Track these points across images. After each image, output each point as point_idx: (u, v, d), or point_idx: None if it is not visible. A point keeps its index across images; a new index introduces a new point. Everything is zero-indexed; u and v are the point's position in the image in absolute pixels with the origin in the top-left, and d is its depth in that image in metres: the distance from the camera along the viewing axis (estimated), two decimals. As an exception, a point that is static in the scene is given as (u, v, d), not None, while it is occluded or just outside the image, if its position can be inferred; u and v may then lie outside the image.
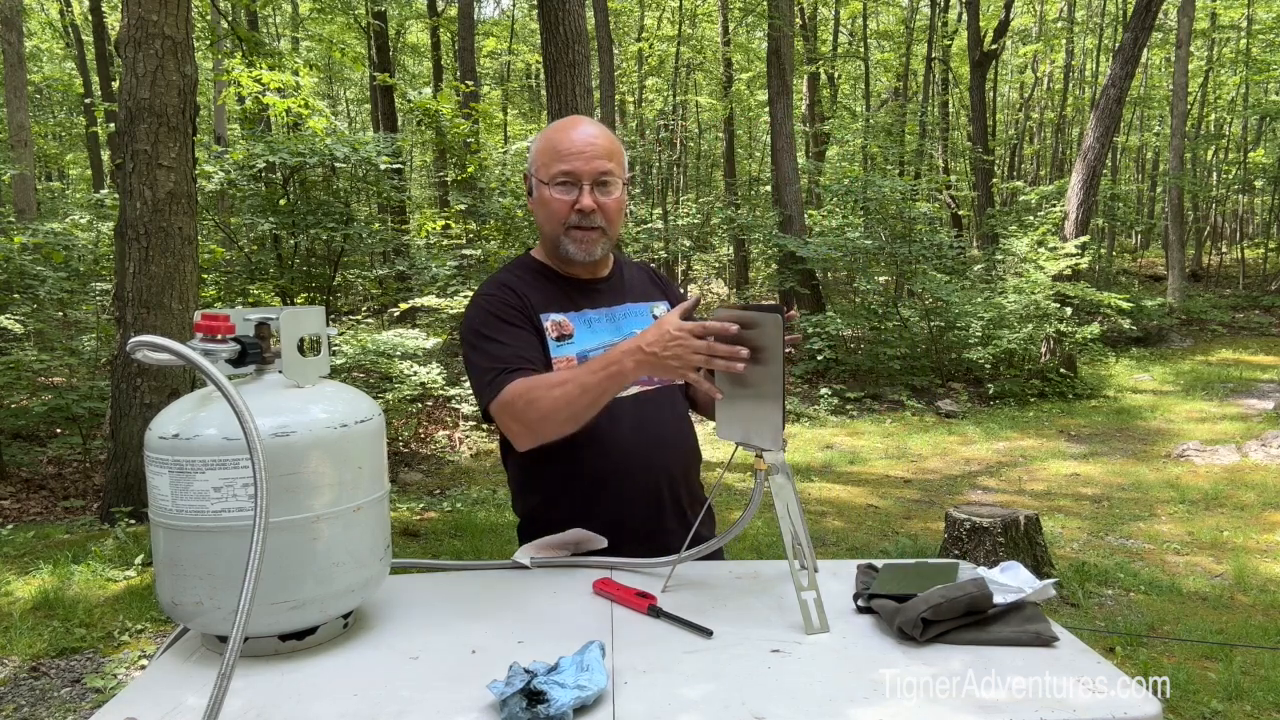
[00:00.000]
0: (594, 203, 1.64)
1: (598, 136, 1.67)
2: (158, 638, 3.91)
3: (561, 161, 1.64)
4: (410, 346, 8.41)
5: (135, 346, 1.09)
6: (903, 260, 12.17)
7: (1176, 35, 17.62)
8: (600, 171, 1.64)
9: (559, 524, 1.63)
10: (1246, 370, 12.82)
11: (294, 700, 1.08)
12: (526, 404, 1.52)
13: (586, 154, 1.63)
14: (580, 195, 1.63)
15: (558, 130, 1.69)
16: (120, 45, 5.54)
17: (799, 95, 18.35)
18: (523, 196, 11.20)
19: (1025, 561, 4.18)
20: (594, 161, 1.63)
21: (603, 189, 1.65)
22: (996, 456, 8.43)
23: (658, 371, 1.41)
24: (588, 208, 1.63)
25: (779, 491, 1.29)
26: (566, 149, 1.64)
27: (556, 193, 1.65)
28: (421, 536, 5.80)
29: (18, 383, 7.86)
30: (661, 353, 1.37)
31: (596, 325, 1.72)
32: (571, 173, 1.63)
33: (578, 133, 1.66)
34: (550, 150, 1.66)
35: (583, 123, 1.71)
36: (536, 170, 1.69)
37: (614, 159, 1.66)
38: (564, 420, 1.50)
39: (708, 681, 1.11)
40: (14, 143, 11.01)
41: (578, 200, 1.64)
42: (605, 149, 1.65)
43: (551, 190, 1.65)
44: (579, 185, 1.64)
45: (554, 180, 1.65)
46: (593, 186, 1.64)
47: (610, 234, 1.69)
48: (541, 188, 1.67)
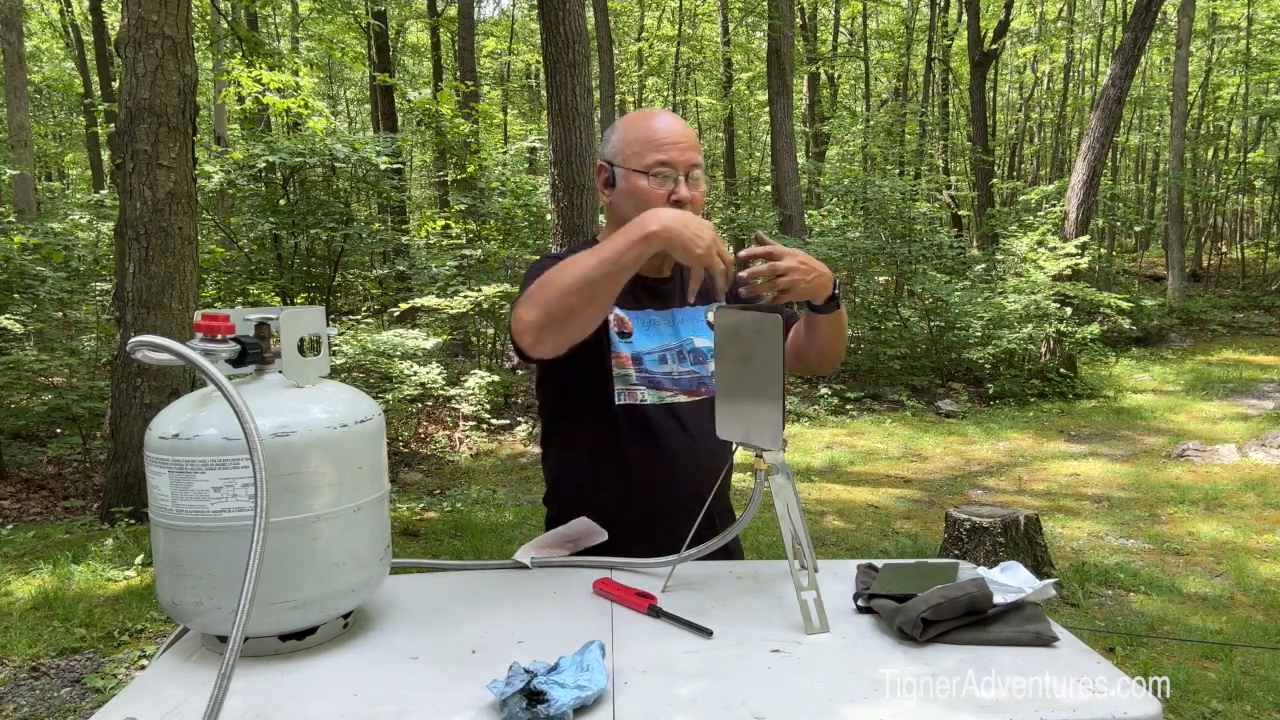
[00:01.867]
0: (689, 194, 1.60)
1: (685, 128, 1.63)
2: (158, 638, 3.91)
3: (658, 151, 1.59)
4: (410, 346, 8.42)
5: (135, 346, 1.09)
6: (903, 260, 12.17)
7: (1176, 35, 17.62)
8: (693, 163, 1.61)
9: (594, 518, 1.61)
10: (1247, 370, 12.82)
11: (294, 700, 1.08)
12: (543, 285, 1.42)
13: (682, 144, 1.60)
14: (678, 186, 1.59)
15: (646, 119, 1.64)
16: (120, 45, 5.54)
17: (799, 95, 18.35)
18: (522, 196, 11.20)
19: (1025, 561, 4.18)
20: (688, 152, 1.60)
21: (693, 182, 1.61)
22: (996, 456, 8.43)
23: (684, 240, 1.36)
24: (686, 198, 1.59)
25: (779, 491, 1.29)
26: (663, 138, 1.60)
27: (652, 184, 1.60)
28: (421, 536, 5.80)
29: (18, 383, 7.86)
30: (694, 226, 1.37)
31: (655, 327, 1.69)
32: (669, 163, 1.59)
33: (669, 122, 1.62)
34: (644, 139, 1.61)
35: (667, 114, 1.66)
36: (625, 159, 1.63)
37: (700, 152, 1.64)
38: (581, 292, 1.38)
39: (708, 681, 1.11)
40: (14, 143, 11.01)
41: (675, 191, 1.59)
42: (693, 141, 1.63)
43: (649, 180, 1.60)
44: (675, 176, 1.59)
45: (650, 170, 1.59)
46: (686, 178, 1.60)
47: None
48: (633, 177, 1.61)
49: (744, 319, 1.30)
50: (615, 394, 1.65)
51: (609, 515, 1.63)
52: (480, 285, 9.70)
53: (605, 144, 1.70)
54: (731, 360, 1.33)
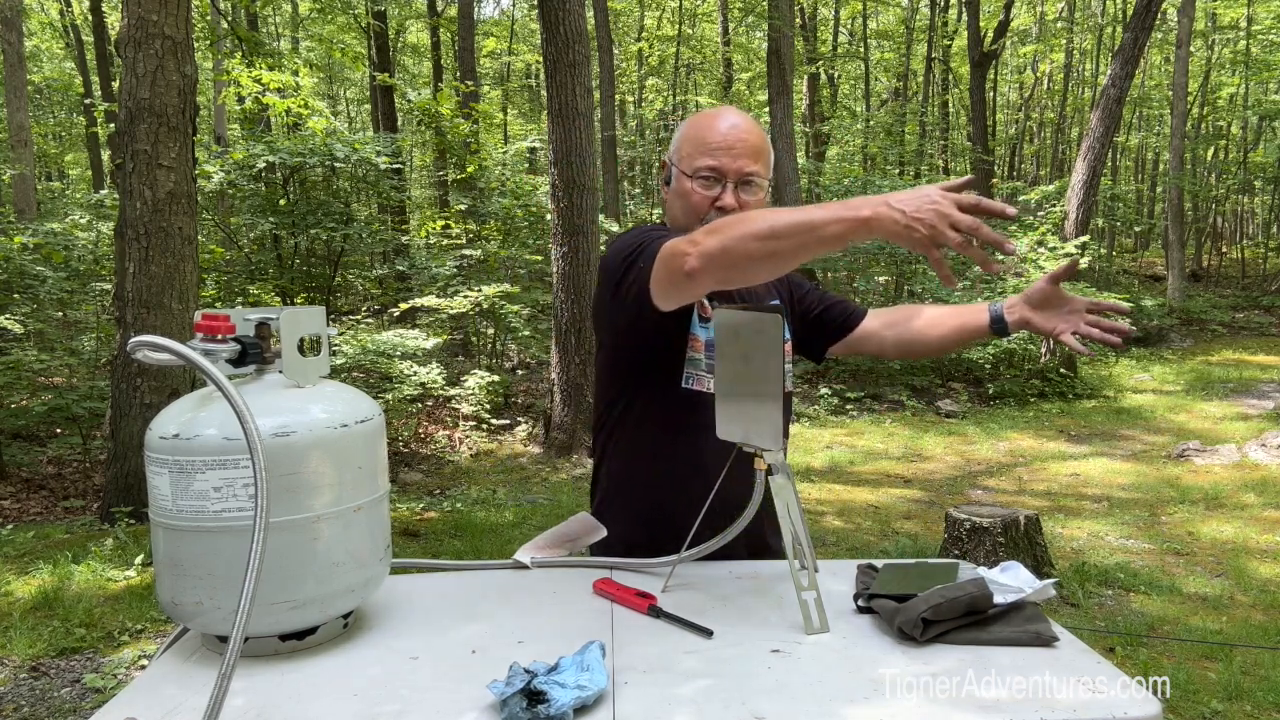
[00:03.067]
0: (736, 202, 1.57)
1: (747, 133, 1.59)
2: (158, 638, 3.91)
3: (708, 155, 1.57)
4: (410, 346, 8.42)
5: (135, 346, 1.09)
6: (902, 260, 12.18)
7: (1176, 35, 17.62)
8: (746, 172, 1.57)
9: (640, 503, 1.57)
10: (1247, 370, 12.82)
11: (294, 700, 1.08)
12: (730, 223, 1.27)
13: (735, 150, 1.57)
14: (723, 193, 1.57)
15: (707, 120, 1.62)
16: (120, 45, 5.54)
17: (799, 95, 18.34)
18: (522, 196, 11.21)
19: (1025, 561, 4.18)
20: (740, 160, 1.56)
21: (746, 188, 1.58)
22: (997, 456, 8.43)
23: (897, 232, 1.14)
24: (729, 206, 1.56)
25: (779, 491, 1.29)
26: (715, 142, 1.57)
27: (698, 186, 1.59)
28: (421, 536, 5.80)
29: (18, 383, 7.86)
30: (911, 211, 1.13)
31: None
32: (717, 168, 1.57)
33: (728, 126, 1.59)
34: (697, 141, 1.59)
35: (733, 115, 1.62)
36: (680, 159, 1.62)
37: (760, 159, 1.59)
38: (768, 242, 1.22)
39: (708, 681, 1.11)
40: (14, 143, 11.02)
41: (719, 197, 1.57)
42: (753, 147, 1.58)
43: (694, 183, 1.59)
44: (723, 182, 1.57)
45: (697, 173, 1.58)
46: (736, 185, 1.58)
47: None
48: (683, 179, 1.61)
49: (744, 319, 1.30)
50: (684, 377, 1.63)
51: (652, 500, 1.61)
52: (480, 285, 9.70)
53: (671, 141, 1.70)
54: (731, 360, 1.33)
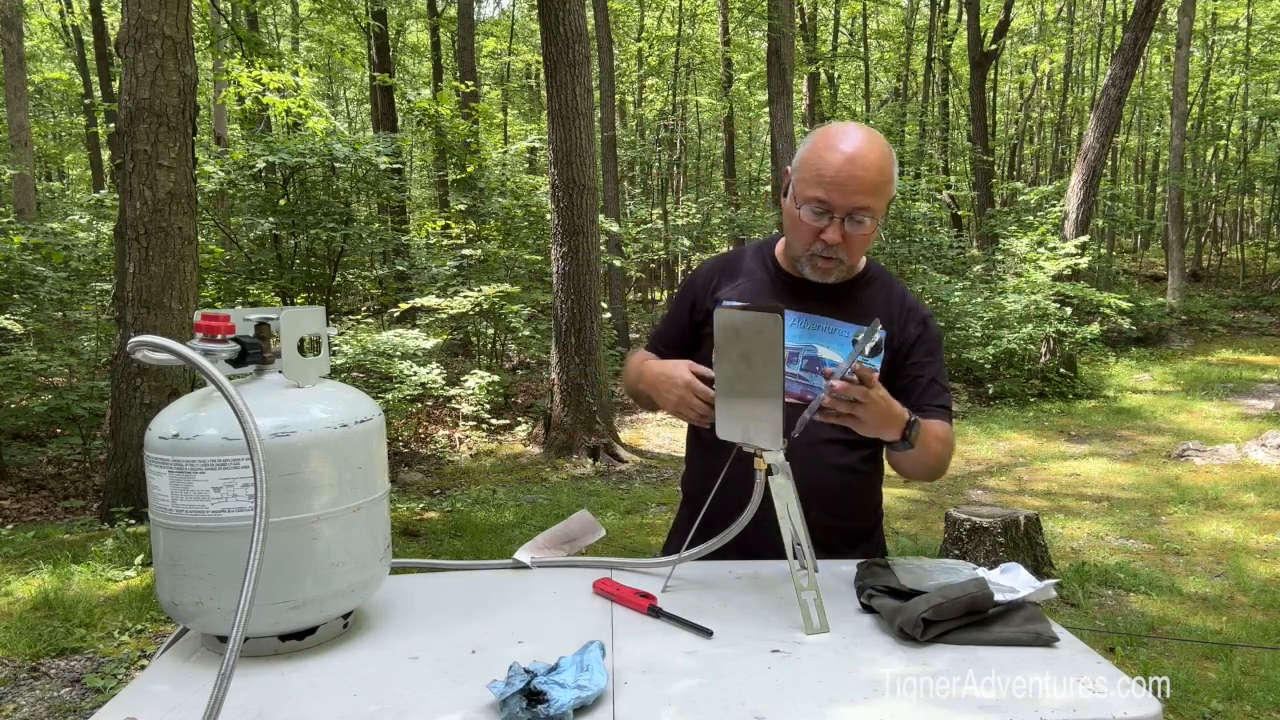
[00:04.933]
0: (840, 236, 1.57)
1: (867, 168, 1.54)
2: (158, 638, 3.91)
3: (819, 187, 1.55)
4: (410, 346, 8.42)
5: (135, 346, 1.09)
6: (902, 260, 12.18)
7: (1177, 35, 17.62)
8: (856, 207, 1.55)
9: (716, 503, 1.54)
10: (1246, 370, 12.82)
11: (294, 700, 1.08)
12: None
13: (848, 187, 1.53)
14: (829, 227, 1.57)
15: (826, 146, 1.56)
16: (120, 45, 5.54)
17: (799, 95, 18.34)
18: (522, 196, 11.21)
19: (1025, 562, 4.18)
20: (852, 196, 1.54)
21: (855, 224, 1.57)
22: (997, 456, 8.43)
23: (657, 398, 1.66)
24: (832, 241, 1.57)
25: (779, 491, 1.29)
26: (828, 174, 1.54)
27: (806, 216, 1.58)
28: (421, 536, 5.80)
29: (18, 383, 7.86)
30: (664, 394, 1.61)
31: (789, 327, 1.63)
32: (826, 202, 1.55)
33: (846, 157, 1.54)
34: (811, 168, 1.57)
35: (855, 140, 1.55)
36: (797, 179, 1.61)
37: (877, 193, 1.55)
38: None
39: (708, 681, 1.11)
40: (14, 143, 11.02)
41: (824, 231, 1.57)
42: (870, 184, 1.54)
43: (802, 211, 1.59)
44: (830, 214, 1.56)
45: (807, 204, 1.57)
46: (844, 219, 1.56)
47: (850, 262, 1.64)
48: (792, 200, 1.61)
49: (744, 319, 1.30)
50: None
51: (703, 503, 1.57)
52: (480, 285, 9.70)
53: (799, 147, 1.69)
54: (732, 360, 1.33)
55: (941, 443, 1.65)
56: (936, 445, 1.63)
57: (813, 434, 1.63)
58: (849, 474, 1.72)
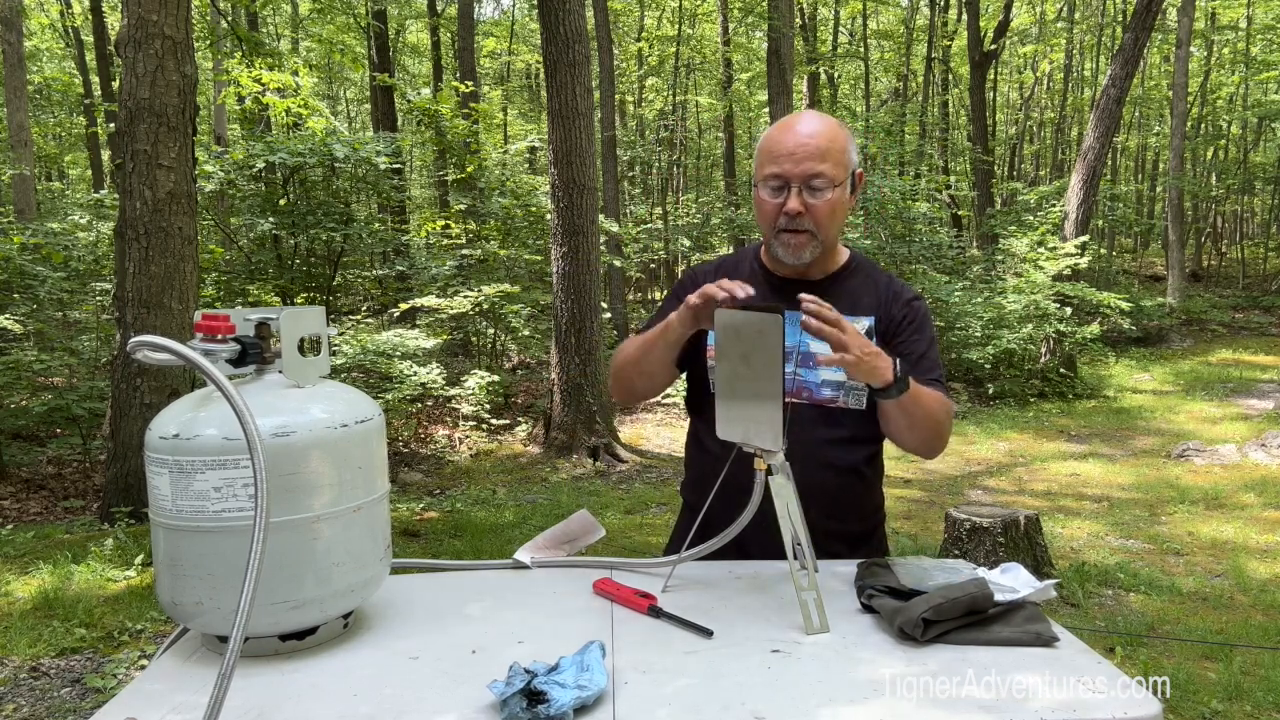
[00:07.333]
0: (801, 205, 1.61)
1: (813, 136, 1.61)
2: (158, 638, 3.91)
3: (772, 163, 1.62)
4: (410, 346, 8.42)
5: (135, 346, 1.09)
6: (902, 260, 12.17)
7: (1177, 35, 17.62)
8: (809, 174, 1.60)
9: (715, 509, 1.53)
10: (1246, 370, 12.82)
11: (294, 700, 1.08)
12: (616, 353, 1.77)
13: (797, 155, 1.60)
14: (788, 198, 1.61)
15: (776, 129, 1.66)
16: (120, 45, 5.54)
17: (799, 95, 18.33)
18: (522, 196, 11.23)
19: (1025, 562, 4.18)
20: (804, 164, 1.59)
21: (812, 191, 1.61)
22: (996, 456, 8.43)
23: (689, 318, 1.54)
24: (792, 210, 1.61)
25: (779, 491, 1.29)
26: (779, 150, 1.62)
27: (766, 195, 1.64)
28: (421, 536, 5.80)
29: (18, 383, 7.86)
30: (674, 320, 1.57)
31: None
32: (780, 175, 1.61)
33: (792, 132, 1.63)
34: (765, 151, 1.65)
35: (802, 120, 1.65)
36: (756, 170, 1.69)
37: (828, 159, 1.60)
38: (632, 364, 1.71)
39: (708, 681, 1.11)
40: (14, 143, 11.02)
41: (785, 203, 1.62)
42: (818, 149, 1.60)
43: (762, 192, 1.65)
44: (787, 188, 1.61)
45: (765, 182, 1.64)
46: (801, 189, 1.61)
47: (821, 237, 1.65)
48: (756, 189, 1.68)
49: (744, 319, 1.30)
50: (709, 384, 1.74)
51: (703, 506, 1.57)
52: (480, 285, 9.70)
53: None
54: (732, 360, 1.33)
55: (938, 403, 1.63)
56: (933, 404, 1.61)
57: (813, 434, 1.64)
58: (849, 475, 1.73)
